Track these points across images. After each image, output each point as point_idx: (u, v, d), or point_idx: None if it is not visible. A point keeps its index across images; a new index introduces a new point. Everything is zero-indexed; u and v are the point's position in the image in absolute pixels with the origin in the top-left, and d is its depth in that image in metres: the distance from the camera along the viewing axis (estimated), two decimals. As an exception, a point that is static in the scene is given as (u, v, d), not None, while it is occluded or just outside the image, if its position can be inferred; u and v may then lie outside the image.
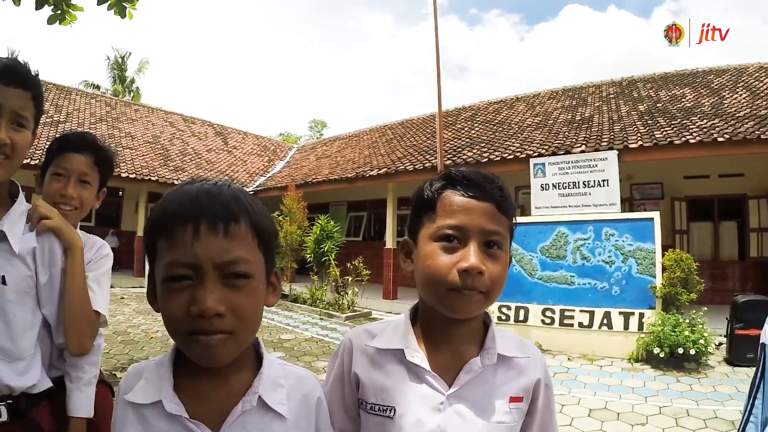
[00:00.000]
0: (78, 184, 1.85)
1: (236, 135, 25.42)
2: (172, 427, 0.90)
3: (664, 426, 5.20)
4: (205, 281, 0.83)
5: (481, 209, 1.07)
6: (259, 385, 0.95)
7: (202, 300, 0.82)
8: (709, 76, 14.64)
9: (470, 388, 1.09)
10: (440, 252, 1.06)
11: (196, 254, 0.83)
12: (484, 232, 1.05)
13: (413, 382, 1.10)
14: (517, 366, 1.15)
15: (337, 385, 1.20)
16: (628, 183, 12.26)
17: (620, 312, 8.13)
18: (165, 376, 0.93)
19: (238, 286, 0.86)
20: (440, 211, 1.09)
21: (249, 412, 0.93)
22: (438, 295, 1.06)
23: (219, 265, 0.84)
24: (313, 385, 1.06)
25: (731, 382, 6.60)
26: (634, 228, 8.47)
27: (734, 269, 12.27)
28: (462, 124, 16.93)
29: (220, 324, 0.84)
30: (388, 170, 13.83)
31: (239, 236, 0.87)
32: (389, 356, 1.14)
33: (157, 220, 0.88)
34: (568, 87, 17.40)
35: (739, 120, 10.21)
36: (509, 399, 1.11)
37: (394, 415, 1.08)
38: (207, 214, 0.85)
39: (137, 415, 0.93)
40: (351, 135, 23.23)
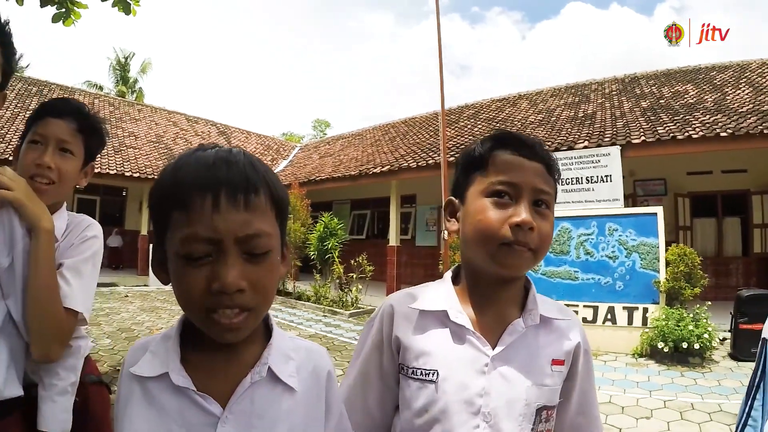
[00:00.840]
0: (57, 153, 1.54)
1: (239, 134, 25.54)
2: (178, 401, 0.87)
3: (669, 419, 5.20)
4: (227, 256, 0.79)
5: (533, 168, 1.08)
6: (269, 356, 0.93)
7: (224, 276, 0.78)
8: (711, 72, 14.65)
9: (514, 349, 1.09)
10: (492, 207, 1.06)
11: (217, 228, 0.78)
12: (535, 190, 1.07)
13: (457, 344, 1.09)
14: (558, 329, 1.15)
15: (375, 353, 1.18)
16: (631, 179, 12.27)
17: (624, 307, 8.11)
18: (172, 349, 0.90)
19: (258, 260, 0.83)
20: (492, 168, 1.09)
21: (258, 384, 0.90)
22: (488, 250, 1.05)
23: (240, 239, 0.80)
24: (323, 358, 1.03)
25: (736, 377, 6.59)
26: (637, 223, 8.47)
27: (738, 265, 12.23)
28: (465, 122, 16.97)
29: (241, 300, 0.80)
30: (392, 167, 13.86)
31: (260, 208, 0.83)
32: (432, 318, 1.12)
33: (170, 189, 0.82)
34: (571, 84, 17.44)
35: (741, 115, 10.20)
36: (551, 361, 1.11)
37: (437, 378, 1.07)
38: (226, 184, 0.79)
39: (142, 389, 0.89)
40: (354, 133, 23.30)
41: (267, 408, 0.90)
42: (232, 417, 0.87)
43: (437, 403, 1.05)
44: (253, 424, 0.88)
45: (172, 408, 0.87)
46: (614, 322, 8.10)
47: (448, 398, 1.05)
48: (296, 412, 0.93)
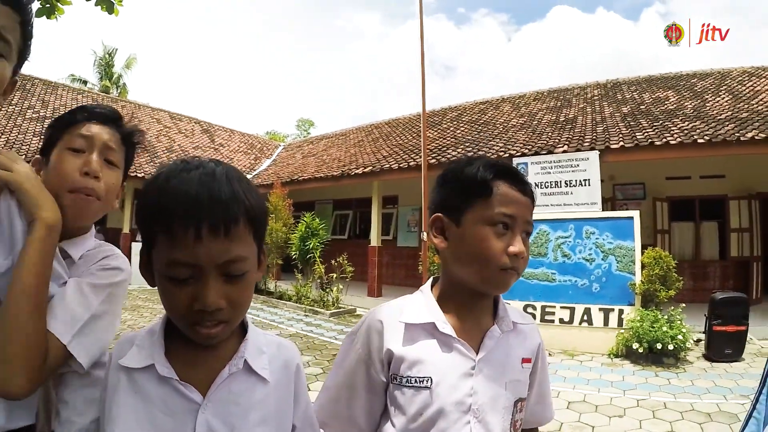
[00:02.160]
0: (103, 163, 1.30)
1: (223, 132, 25.38)
2: (162, 389, 0.95)
3: (641, 418, 5.28)
4: (208, 279, 0.88)
5: (525, 203, 1.21)
6: (245, 350, 1.02)
7: (204, 297, 0.87)
8: (692, 79, 14.88)
9: (493, 352, 1.22)
10: (493, 237, 1.17)
11: (198, 256, 0.86)
12: (526, 223, 1.20)
13: (445, 352, 1.19)
14: (523, 332, 1.32)
15: (361, 366, 1.25)
16: (611, 183, 12.41)
17: (600, 308, 8.22)
18: (157, 343, 0.98)
19: (236, 280, 0.92)
20: (496, 198, 1.18)
21: (235, 376, 0.99)
22: (486, 274, 1.18)
23: (220, 265, 0.89)
24: (292, 352, 1.13)
25: (709, 377, 6.70)
26: (614, 226, 8.58)
27: (715, 268, 12.38)
28: (448, 124, 17.03)
29: (219, 316, 0.91)
30: (374, 169, 13.91)
31: (238, 235, 0.90)
32: (419, 330, 1.21)
33: (156, 213, 0.89)
34: (554, 88, 17.59)
35: (720, 122, 10.37)
36: (521, 360, 1.28)
37: (431, 384, 1.16)
38: (209, 217, 0.86)
39: (129, 379, 0.97)
40: (337, 134, 23.26)
41: (242, 396, 0.99)
42: (211, 405, 0.96)
43: (432, 406, 1.15)
44: (230, 411, 0.97)
45: (157, 396, 0.95)
46: (590, 323, 8.19)
47: (442, 400, 1.15)
48: (268, 401, 1.03)
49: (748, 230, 12.02)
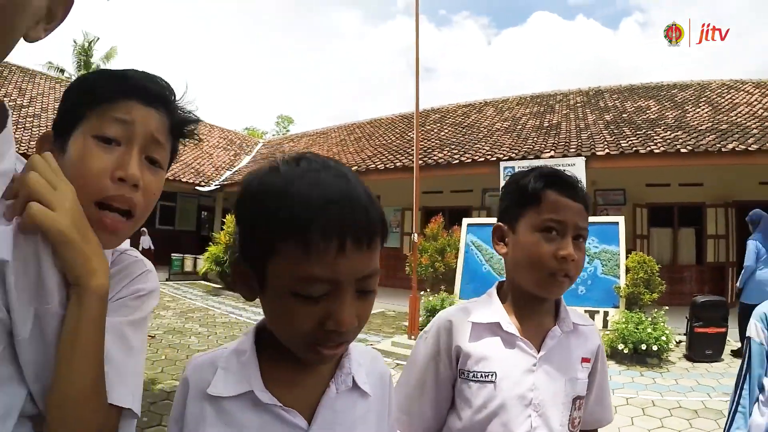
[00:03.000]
0: (145, 163, 0.94)
1: (202, 127, 24.80)
2: (260, 417, 0.84)
3: (632, 415, 5.45)
4: (345, 296, 0.77)
5: (576, 208, 1.26)
6: (350, 365, 0.93)
7: (340, 316, 0.76)
8: (673, 90, 15.27)
9: (554, 351, 1.29)
10: (543, 241, 1.23)
11: (339, 270, 0.75)
12: (577, 227, 1.25)
13: (508, 349, 1.28)
14: (583, 333, 1.38)
15: (431, 363, 1.34)
16: (593, 188, 12.55)
17: (586, 310, 8.25)
18: (251, 365, 0.86)
19: (367, 297, 0.82)
20: (545, 206, 1.25)
21: (338, 394, 0.90)
22: (538, 277, 1.25)
23: (358, 280, 0.78)
24: (383, 363, 1.08)
25: (692, 376, 6.91)
26: (600, 231, 8.81)
27: (692, 273, 12.71)
28: (431, 126, 17.19)
29: (348, 335, 0.81)
30: (359, 169, 13.94)
31: (377, 247, 0.81)
32: (485, 329, 1.30)
33: (286, 219, 0.74)
34: (537, 94, 17.84)
35: (701, 133, 10.73)
36: (581, 360, 1.33)
37: (495, 378, 1.25)
38: (353, 229, 0.75)
39: (217, 409, 0.84)
40: (319, 132, 23.28)
41: (346, 414, 0.92)
42: (317, 428, 0.87)
43: (496, 399, 1.24)
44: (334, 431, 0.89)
45: (253, 425, 0.84)
46: None
47: (505, 394, 1.23)
48: (369, 416, 0.97)
49: (724, 237, 12.35)
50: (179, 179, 17.72)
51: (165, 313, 10.54)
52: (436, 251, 10.64)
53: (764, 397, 2.06)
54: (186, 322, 9.82)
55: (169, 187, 17.90)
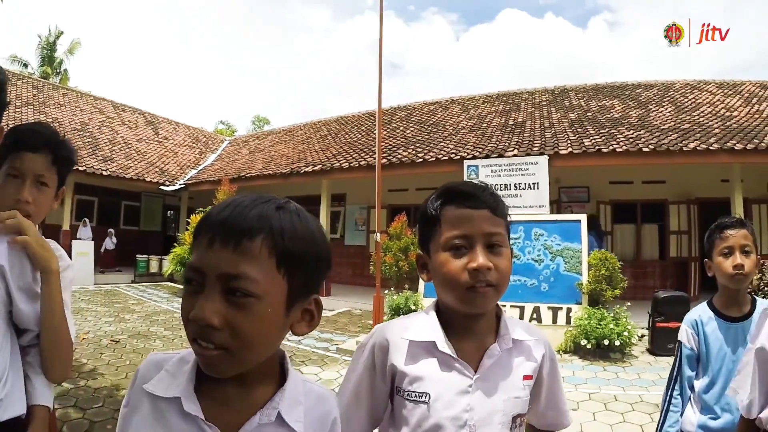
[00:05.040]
0: (35, 186, 1.64)
1: (167, 125, 24.50)
2: (186, 426, 0.89)
3: (595, 410, 5.47)
4: (207, 290, 0.82)
5: (480, 216, 1.21)
6: (281, 400, 0.94)
7: (198, 307, 0.81)
8: (637, 89, 15.50)
9: (492, 371, 1.26)
10: (452, 258, 1.20)
11: (204, 262, 0.83)
12: (486, 235, 1.20)
13: (444, 371, 1.24)
14: (527, 348, 1.33)
15: (366, 376, 1.32)
16: (557, 186, 12.68)
17: (549, 307, 8.46)
18: (188, 374, 0.92)
19: (239, 303, 0.82)
20: (445, 224, 1.22)
21: (266, 426, 0.92)
22: (457, 295, 1.20)
23: (221, 276, 0.81)
24: (331, 405, 1.07)
25: (654, 370, 7.02)
26: (562, 229, 8.89)
27: (655, 268, 12.94)
28: (397, 124, 17.11)
29: (212, 337, 0.81)
30: (324, 167, 13.81)
31: (251, 253, 0.83)
32: (421, 348, 1.26)
33: (198, 223, 0.89)
34: (503, 92, 17.90)
35: (663, 132, 10.89)
36: (522, 377, 1.29)
37: (429, 399, 1.22)
38: (225, 227, 0.83)
39: (152, 406, 0.92)
40: (285, 129, 23.00)
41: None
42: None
43: (429, 420, 1.21)
44: None
45: (180, 430, 0.89)
46: (540, 321, 8.38)
47: (439, 415, 1.21)
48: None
49: (686, 233, 12.61)
50: (143, 178, 17.30)
51: (130, 317, 10.28)
52: (400, 250, 10.58)
53: (695, 396, 2.23)
54: (151, 325, 9.59)
55: (133, 187, 17.55)
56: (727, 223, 2.14)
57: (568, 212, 12.32)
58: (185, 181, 18.47)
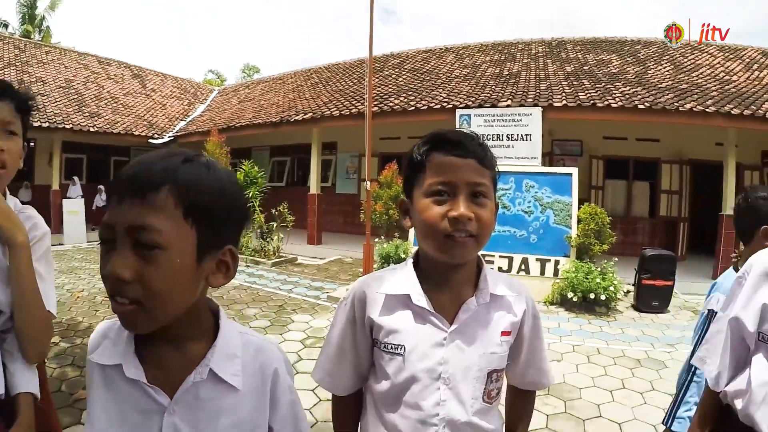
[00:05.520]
0: (4, 134, 1.52)
1: (155, 77, 23.83)
2: (132, 390, 0.93)
3: (578, 362, 5.52)
4: (117, 245, 0.84)
5: (466, 165, 1.18)
6: (212, 357, 0.97)
7: (110, 263, 0.83)
8: (636, 45, 15.23)
9: (468, 324, 1.26)
10: (433, 205, 1.18)
11: (114, 218, 0.85)
12: (470, 184, 1.18)
13: (419, 323, 1.25)
14: (507, 303, 1.32)
15: (349, 330, 1.34)
16: (550, 138, 12.60)
17: (537, 258, 8.52)
18: (127, 339, 0.96)
19: (147, 255, 0.84)
20: (429, 170, 1.21)
21: (202, 382, 0.96)
22: (436, 243, 1.19)
23: (129, 230, 0.84)
24: (271, 356, 1.08)
25: (637, 326, 7.07)
26: (553, 182, 8.82)
27: (644, 225, 12.99)
28: (389, 71, 16.73)
29: (125, 291, 0.83)
30: (314, 115, 13.51)
31: (156, 204, 0.85)
32: (397, 300, 1.27)
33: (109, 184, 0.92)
34: (498, 42, 17.53)
35: (660, 91, 10.74)
36: (501, 333, 1.29)
37: (404, 351, 1.24)
38: (132, 182, 0.85)
39: (102, 375, 0.97)
40: (275, 78, 22.47)
41: (211, 403, 0.97)
42: (179, 409, 0.94)
43: (404, 372, 1.24)
44: (197, 416, 0.95)
45: (128, 393, 0.94)
46: (528, 272, 8.47)
47: (413, 367, 1.23)
48: (240, 407, 1.00)
49: (677, 192, 12.56)
50: (131, 133, 16.85)
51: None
52: (390, 198, 10.50)
53: None
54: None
55: (121, 142, 17.17)
56: None
57: (561, 165, 12.28)
58: (174, 134, 18.09)
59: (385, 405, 1.29)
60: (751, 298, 1.46)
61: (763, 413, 1.38)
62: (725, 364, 1.52)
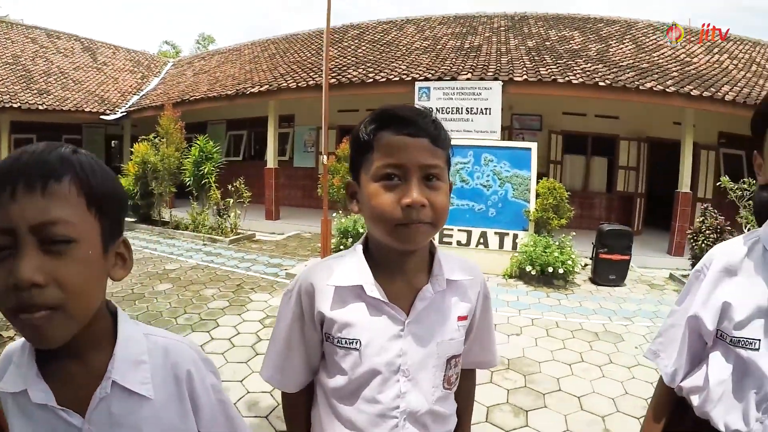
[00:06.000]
0: None
1: (106, 50, 22.64)
2: (44, 414, 0.85)
3: (537, 336, 5.54)
4: (21, 248, 0.74)
5: (418, 145, 1.09)
6: (113, 369, 0.89)
7: (17, 269, 0.73)
8: (599, 24, 15.34)
9: (425, 313, 1.20)
10: (383, 191, 1.09)
11: (11, 217, 0.74)
12: (423, 167, 1.09)
13: (374, 316, 1.18)
14: (462, 287, 1.27)
15: (296, 324, 1.25)
16: (510, 113, 12.58)
17: (495, 232, 8.57)
18: (28, 361, 0.87)
19: (58, 252, 0.77)
20: (378, 151, 1.11)
21: (111, 396, 0.88)
22: (387, 230, 1.10)
23: (35, 228, 0.75)
24: (182, 356, 1.00)
25: (595, 299, 7.15)
26: (512, 156, 8.83)
27: (602, 200, 13.19)
28: (348, 42, 16.36)
29: (40, 297, 0.74)
30: (270, 87, 13.15)
31: (60, 195, 0.78)
32: (349, 292, 1.19)
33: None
34: (460, 15, 17.35)
35: (621, 69, 10.83)
36: (457, 318, 1.25)
37: (360, 346, 1.17)
38: (25, 173, 0.76)
39: (14, 401, 0.88)
40: (231, 49, 21.75)
41: (126, 416, 0.89)
42: (94, 428, 0.86)
43: (362, 366, 1.17)
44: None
45: (42, 418, 0.85)
46: (486, 246, 8.52)
47: (371, 361, 1.16)
48: (160, 416, 0.93)
49: (635, 169, 12.74)
50: (82, 109, 16.09)
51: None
52: (347, 172, 10.26)
53: None
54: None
55: (72, 119, 16.47)
56: None
57: (520, 139, 12.37)
58: (127, 109, 17.36)
59: (339, 399, 1.22)
60: (710, 295, 1.37)
61: (720, 410, 1.32)
62: (681, 362, 1.46)
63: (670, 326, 1.51)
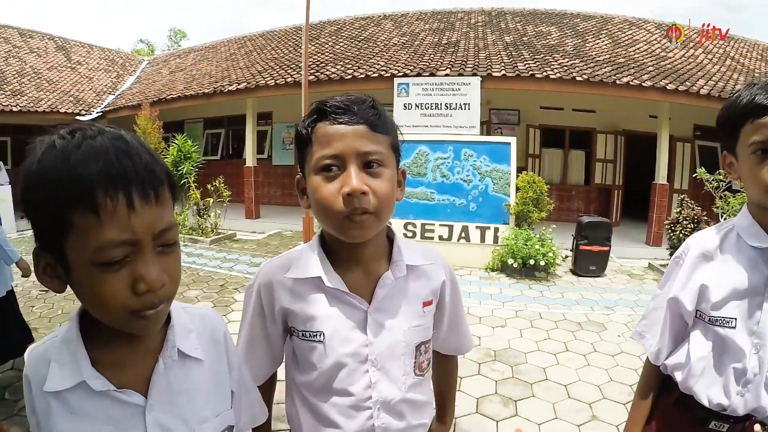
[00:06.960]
0: None
1: (80, 49, 22.22)
2: (100, 402, 0.86)
3: (521, 327, 5.60)
4: (146, 255, 0.78)
5: (354, 133, 1.08)
6: (175, 337, 0.95)
7: (148, 276, 0.77)
8: (576, 19, 15.51)
9: (387, 300, 1.20)
10: (324, 182, 1.08)
11: (135, 229, 0.75)
12: (361, 154, 1.08)
13: (335, 306, 1.18)
14: (425, 273, 1.27)
15: (258, 319, 1.27)
16: (488, 107, 12.63)
17: (477, 226, 8.61)
18: (79, 354, 0.86)
19: (170, 251, 0.83)
20: (316, 143, 1.10)
21: (170, 366, 0.93)
22: (334, 224, 1.10)
23: (156, 236, 0.79)
24: (216, 321, 1.08)
25: (576, 290, 7.26)
26: (491, 150, 8.86)
27: (580, 192, 13.32)
28: (326, 39, 16.31)
29: (163, 293, 0.81)
30: (248, 85, 13.03)
31: (166, 200, 0.81)
32: (308, 284, 1.19)
33: (67, 187, 0.72)
34: (438, 10, 17.39)
35: (598, 64, 10.96)
36: (422, 304, 1.25)
37: (324, 338, 1.17)
38: (137, 180, 0.75)
39: (60, 402, 0.85)
40: (207, 46, 21.52)
41: (183, 383, 0.94)
42: (156, 403, 0.90)
43: (328, 359, 1.17)
44: (176, 402, 0.92)
45: (96, 411, 0.85)
46: (468, 240, 8.58)
47: (336, 353, 1.17)
48: (207, 378, 0.99)
49: (612, 161, 12.92)
50: (57, 110, 15.70)
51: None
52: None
53: None
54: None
55: (47, 120, 15.98)
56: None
57: (498, 134, 12.47)
58: (102, 109, 17.01)
59: (313, 395, 1.23)
60: (689, 279, 1.45)
61: (702, 385, 1.41)
62: (665, 342, 1.54)
63: (653, 309, 1.58)
